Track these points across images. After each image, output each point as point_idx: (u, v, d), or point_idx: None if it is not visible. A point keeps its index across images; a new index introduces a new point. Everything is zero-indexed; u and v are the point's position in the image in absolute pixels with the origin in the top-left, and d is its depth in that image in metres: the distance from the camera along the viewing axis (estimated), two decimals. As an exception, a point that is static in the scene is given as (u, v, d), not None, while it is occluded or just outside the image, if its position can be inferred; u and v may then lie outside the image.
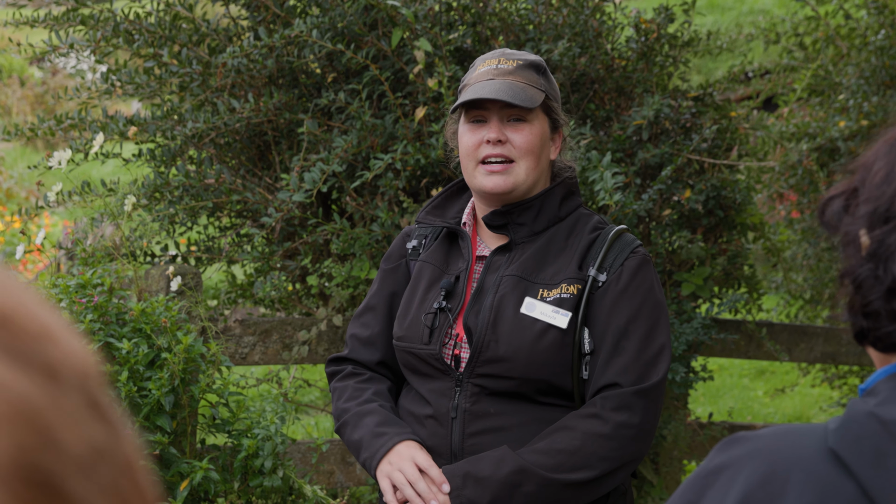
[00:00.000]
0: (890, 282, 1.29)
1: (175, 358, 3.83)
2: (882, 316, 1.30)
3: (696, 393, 8.92)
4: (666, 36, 5.24)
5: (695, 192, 4.97)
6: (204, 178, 4.70)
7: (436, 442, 2.77)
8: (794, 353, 5.69)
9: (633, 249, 2.79)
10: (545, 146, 2.83)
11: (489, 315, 2.74)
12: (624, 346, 2.71)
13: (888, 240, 1.29)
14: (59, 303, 3.92)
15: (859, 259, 1.32)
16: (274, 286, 4.67)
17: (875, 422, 1.25)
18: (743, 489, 1.26)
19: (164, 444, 3.82)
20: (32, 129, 4.90)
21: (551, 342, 2.70)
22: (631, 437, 2.67)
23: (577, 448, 2.65)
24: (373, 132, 4.64)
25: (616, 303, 2.73)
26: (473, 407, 2.74)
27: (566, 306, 2.72)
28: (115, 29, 4.87)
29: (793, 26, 6.84)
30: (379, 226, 4.57)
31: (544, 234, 2.83)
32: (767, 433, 1.31)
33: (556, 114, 2.86)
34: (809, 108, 6.62)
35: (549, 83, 2.85)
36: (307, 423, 7.15)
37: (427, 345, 2.80)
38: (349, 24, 4.67)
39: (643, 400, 2.69)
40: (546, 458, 2.64)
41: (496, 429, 2.73)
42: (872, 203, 1.32)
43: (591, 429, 2.67)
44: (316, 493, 4.18)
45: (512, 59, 2.82)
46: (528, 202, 2.82)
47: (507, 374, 2.72)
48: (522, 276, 2.77)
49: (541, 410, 2.74)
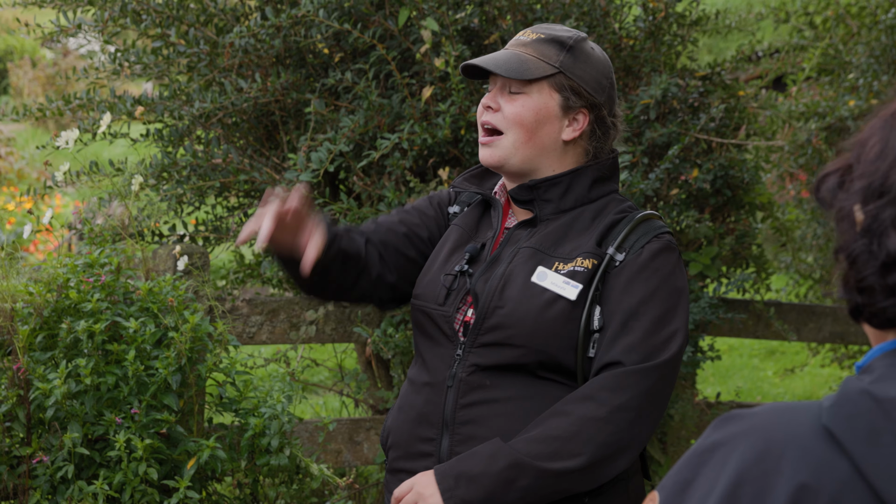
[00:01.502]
0: (884, 257, 1.28)
1: (182, 337, 3.84)
2: (877, 291, 1.30)
3: (706, 373, 8.91)
4: (674, 15, 5.23)
5: (702, 172, 4.96)
6: (211, 158, 4.70)
7: (429, 409, 2.71)
8: (803, 332, 5.68)
9: (658, 234, 2.68)
10: (546, 122, 2.73)
11: (498, 282, 2.68)
12: (632, 326, 2.60)
13: (882, 215, 1.29)
14: (67, 282, 3.93)
15: (853, 234, 1.32)
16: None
17: (869, 399, 1.25)
18: (737, 467, 1.26)
19: (172, 423, 3.83)
20: (41, 110, 4.91)
21: (558, 313, 2.61)
22: (630, 420, 2.55)
23: (574, 434, 2.53)
24: (380, 112, 4.64)
25: (631, 282, 2.63)
26: (469, 377, 2.67)
27: (578, 279, 2.63)
28: (122, 9, 4.87)
29: (803, 5, 6.81)
30: (386, 205, 4.57)
31: (570, 213, 2.75)
32: (762, 411, 1.31)
33: (571, 93, 2.73)
34: (819, 87, 6.60)
35: (577, 62, 2.74)
36: (315, 402, 7.17)
37: (441, 306, 2.74)
38: (356, 4, 4.67)
39: (646, 380, 2.56)
40: (541, 447, 2.54)
41: (490, 400, 2.65)
42: (867, 178, 1.31)
43: (586, 413, 2.54)
44: (323, 471, 4.20)
45: (538, 32, 2.76)
46: (557, 178, 2.74)
47: (509, 342, 2.63)
48: (539, 249, 2.70)
49: (540, 385, 2.65)
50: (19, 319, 3.87)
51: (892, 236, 1.28)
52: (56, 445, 3.79)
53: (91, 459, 3.82)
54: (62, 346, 3.86)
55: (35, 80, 18.96)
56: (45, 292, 3.92)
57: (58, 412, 3.76)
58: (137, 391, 3.83)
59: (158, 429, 3.82)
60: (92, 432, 3.80)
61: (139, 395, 3.83)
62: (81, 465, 3.82)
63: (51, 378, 3.75)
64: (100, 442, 3.85)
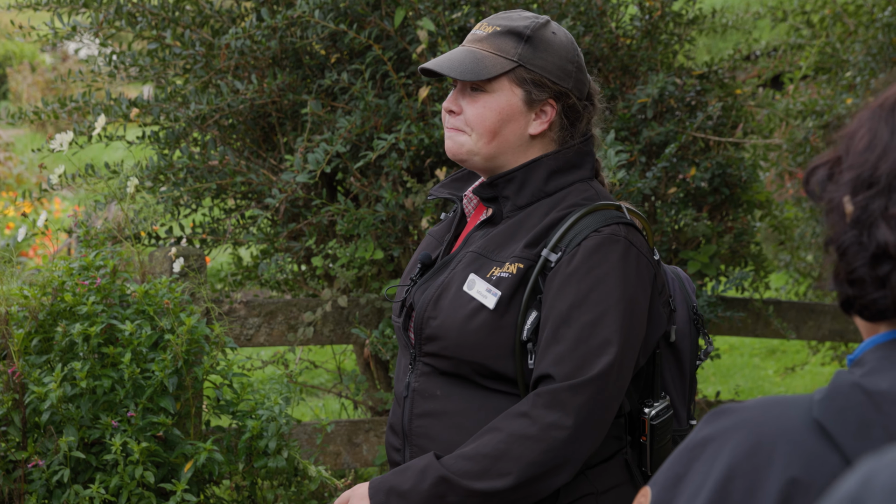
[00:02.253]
0: (874, 248, 1.27)
1: (178, 339, 3.84)
2: (867, 283, 1.29)
3: (706, 372, 8.90)
4: (670, 14, 5.22)
5: (700, 170, 4.96)
6: (208, 160, 4.70)
7: (394, 420, 2.69)
8: (802, 331, 5.67)
9: (599, 227, 2.52)
10: (511, 119, 2.61)
11: (434, 291, 2.60)
12: (563, 333, 2.45)
13: (871, 205, 1.28)
14: (63, 285, 3.92)
15: (843, 226, 1.31)
16: (279, 268, 4.67)
17: (860, 392, 1.24)
18: (729, 461, 1.25)
19: (168, 426, 3.82)
20: (37, 113, 4.90)
21: (482, 323, 2.51)
22: (563, 438, 2.43)
23: (503, 452, 2.43)
24: (376, 112, 4.63)
25: (562, 286, 2.48)
26: (421, 386, 2.61)
27: (501, 286, 2.51)
28: (117, 11, 4.86)
29: (800, 4, 6.81)
30: (383, 206, 4.56)
31: (526, 210, 2.63)
32: (754, 404, 1.30)
33: (533, 86, 2.61)
34: (817, 85, 6.59)
35: (536, 52, 2.62)
36: (314, 404, 7.16)
37: (398, 318, 2.70)
38: (352, 5, 4.66)
39: (579, 396, 2.43)
40: (470, 465, 2.46)
41: (439, 412, 2.59)
42: (856, 170, 1.30)
43: (517, 430, 2.44)
44: (321, 473, 4.18)
45: (493, 24, 2.64)
46: (510, 174, 2.63)
47: (442, 353, 2.56)
48: (482, 253, 2.59)
49: (487, 397, 2.56)
50: (14, 323, 3.86)
51: (881, 227, 1.27)
52: (52, 449, 3.78)
53: (87, 463, 3.81)
54: (57, 350, 3.85)
55: (34, 85, 18.99)
56: (41, 295, 3.91)
57: (53, 416, 3.75)
58: (134, 394, 3.82)
59: (155, 432, 3.81)
60: (88, 436, 3.79)
61: (135, 398, 3.82)
62: (77, 469, 3.81)
63: (46, 382, 3.74)
64: (96, 445, 3.84)
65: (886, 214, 1.26)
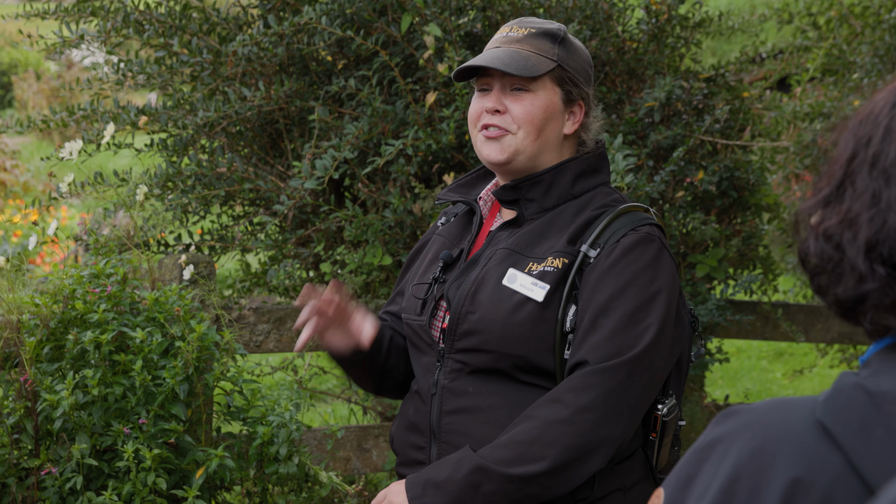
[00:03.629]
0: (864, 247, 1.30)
1: (189, 346, 3.85)
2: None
3: (714, 375, 8.90)
4: (677, 17, 5.23)
5: (708, 174, 4.96)
6: (216, 167, 4.71)
7: (418, 419, 2.70)
8: (811, 333, 5.67)
9: (636, 227, 2.60)
10: (552, 118, 2.69)
11: (470, 287, 2.63)
12: (601, 323, 2.52)
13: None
14: (73, 293, 3.94)
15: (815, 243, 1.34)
16: (288, 274, 4.68)
17: (862, 393, 1.26)
18: (734, 462, 1.27)
19: (180, 433, 3.83)
20: (45, 122, 4.92)
21: (527, 316, 2.56)
22: (595, 420, 2.47)
23: (536, 437, 2.48)
24: (384, 118, 4.64)
25: (602, 278, 2.55)
26: (452, 384, 2.64)
27: (547, 279, 2.57)
28: (125, 19, 4.89)
29: (806, 6, 6.81)
30: (391, 212, 4.57)
31: (553, 211, 2.69)
32: (761, 406, 1.32)
33: (571, 85, 2.70)
34: (824, 87, 6.59)
35: (568, 52, 2.71)
36: (323, 410, 7.17)
37: (419, 316, 2.72)
38: (358, 11, 4.67)
39: (612, 378, 2.48)
40: (505, 452, 2.50)
41: (473, 409, 2.62)
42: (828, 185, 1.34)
43: (550, 415, 2.49)
44: (332, 479, 4.20)
45: (525, 26, 2.71)
46: (538, 176, 2.69)
47: (482, 348, 2.60)
48: (515, 250, 2.64)
49: (522, 391, 2.60)
50: (26, 331, 3.88)
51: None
52: (64, 457, 3.79)
53: (99, 470, 3.82)
54: (69, 358, 3.86)
55: (39, 93, 19.03)
56: (52, 304, 3.92)
57: (66, 423, 3.77)
58: (145, 401, 3.83)
59: (167, 438, 3.82)
60: (100, 443, 3.80)
61: (147, 405, 3.83)
62: (90, 477, 3.82)
63: (58, 389, 3.75)
64: (108, 453, 3.85)
65: None
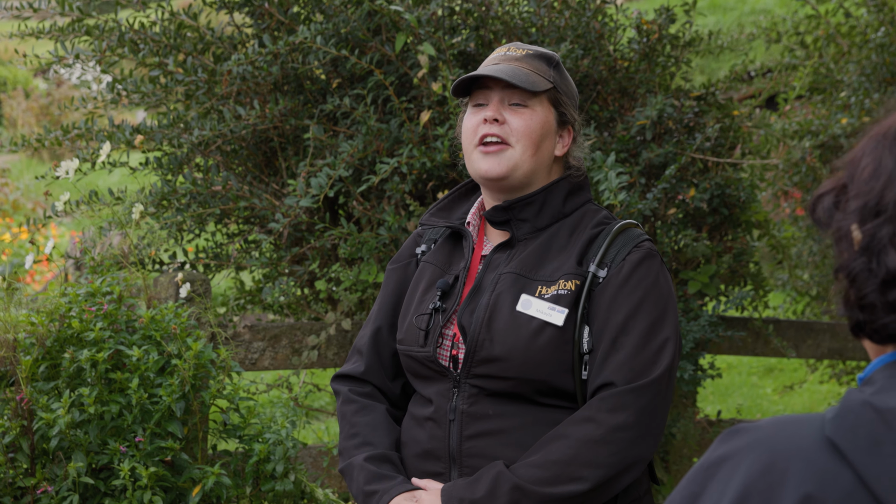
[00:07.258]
0: (884, 274, 1.31)
1: (185, 364, 3.86)
2: (878, 308, 1.32)
3: (706, 391, 8.93)
4: (667, 36, 5.27)
5: (699, 191, 4.99)
6: (211, 186, 4.72)
7: (434, 445, 2.69)
8: (802, 349, 5.70)
9: (637, 244, 2.66)
10: (547, 136, 2.73)
11: (484, 313, 2.64)
12: (622, 342, 2.57)
13: (879, 233, 1.32)
14: (69, 311, 3.95)
15: (852, 253, 1.34)
16: (282, 292, 4.70)
17: (870, 410, 1.27)
18: (744, 479, 1.28)
19: (176, 450, 3.84)
20: (39, 140, 4.93)
21: (548, 340, 2.59)
22: (629, 439, 2.53)
23: (572, 457, 2.51)
24: (378, 137, 4.66)
25: (615, 298, 2.60)
26: (471, 409, 2.64)
27: (563, 303, 2.60)
28: (120, 39, 4.90)
29: (794, 25, 6.86)
30: (386, 229, 4.59)
31: (547, 231, 2.72)
32: (767, 424, 1.33)
33: (565, 108, 2.75)
34: (812, 105, 6.64)
35: (562, 77, 2.76)
36: (318, 427, 7.17)
37: (423, 347, 2.71)
38: (353, 30, 4.70)
39: (642, 398, 2.53)
40: (541, 472, 2.52)
41: (495, 431, 2.62)
42: (862, 198, 1.34)
43: (584, 435, 2.53)
44: (328, 496, 4.21)
45: (522, 48, 2.76)
46: (530, 197, 2.72)
47: (502, 375, 2.61)
48: (521, 274, 2.66)
49: (542, 412, 2.62)
50: (22, 350, 3.88)
51: (890, 254, 1.30)
52: (60, 475, 3.80)
53: (96, 489, 3.83)
54: (65, 376, 3.87)
55: (28, 111, 19.00)
56: (47, 322, 3.93)
57: (62, 442, 3.77)
58: (141, 419, 3.84)
59: (163, 456, 3.83)
60: (96, 461, 3.81)
61: (143, 423, 3.84)
62: (86, 495, 3.82)
63: (54, 408, 3.76)
64: (104, 471, 3.86)
65: (895, 241, 1.30)
